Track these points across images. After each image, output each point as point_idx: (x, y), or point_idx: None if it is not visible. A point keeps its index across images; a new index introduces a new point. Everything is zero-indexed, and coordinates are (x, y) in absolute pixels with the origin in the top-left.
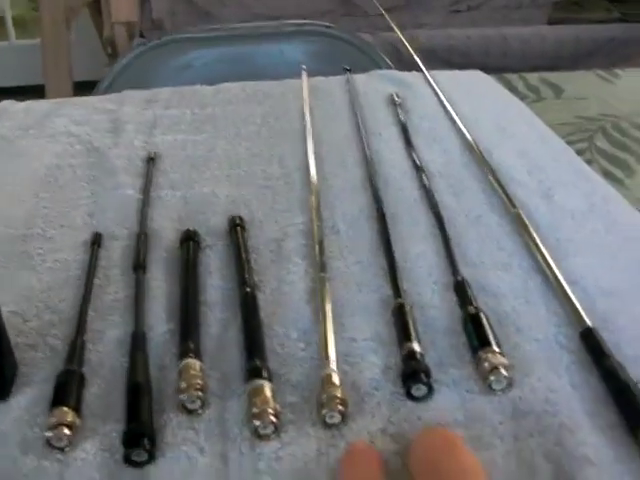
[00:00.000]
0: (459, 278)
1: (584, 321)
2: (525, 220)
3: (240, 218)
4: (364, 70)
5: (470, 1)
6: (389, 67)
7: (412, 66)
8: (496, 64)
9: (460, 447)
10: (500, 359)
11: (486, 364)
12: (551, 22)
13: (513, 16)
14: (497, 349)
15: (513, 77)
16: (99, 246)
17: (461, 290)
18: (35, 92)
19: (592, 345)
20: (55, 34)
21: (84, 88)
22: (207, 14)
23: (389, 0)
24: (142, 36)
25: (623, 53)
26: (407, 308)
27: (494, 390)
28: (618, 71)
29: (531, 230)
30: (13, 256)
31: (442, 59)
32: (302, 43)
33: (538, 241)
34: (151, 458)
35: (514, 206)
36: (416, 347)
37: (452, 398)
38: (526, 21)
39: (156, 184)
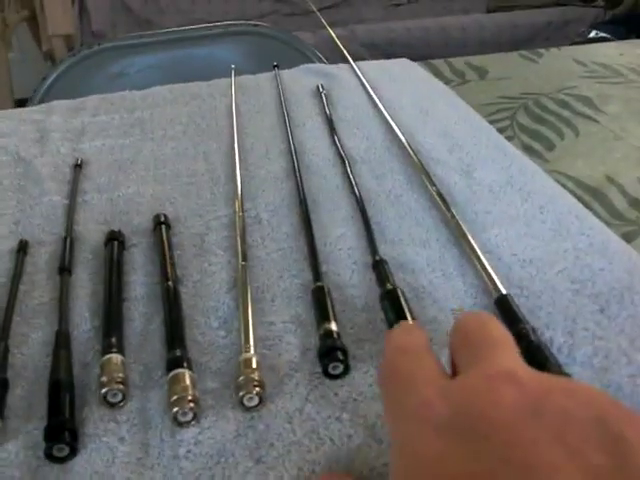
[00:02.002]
0: (377, 257)
1: (498, 289)
2: (443, 196)
3: (164, 216)
4: (297, 66)
5: None
6: (321, 61)
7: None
8: (437, 54)
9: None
10: None
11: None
12: (489, 10)
13: (452, 6)
14: (412, 322)
15: (439, 62)
16: (25, 253)
17: (379, 269)
18: None
19: (505, 311)
20: None
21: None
22: (148, 23)
23: None
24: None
25: (561, 35)
26: (325, 290)
27: None
28: (541, 50)
29: (449, 205)
30: None
31: (384, 52)
32: (233, 44)
33: (456, 215)
34: (72, 453)
35: (433, 184)
36: (333, 326)
37: (369, 372)
38: (465, 11)
39: (82, 189)
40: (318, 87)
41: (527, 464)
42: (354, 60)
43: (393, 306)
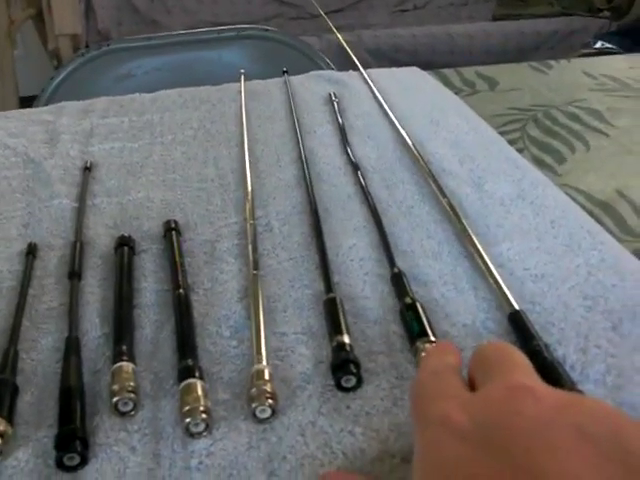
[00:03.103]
0: (395, 270)
1: (511, 304)
2: (455, 208)
3: (175, 222)
4: (305, 71)
5: (416, 0)
6: (329, 67)
7: (357, 66)
8: (443, 61)
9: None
10: None
11: (424, 353)
12: (496, 18)
13: (459, 14)
14: (433, 338)
15: (449, 72)
16: (34, 256)
17: (398, 281)
18: None
19: (518, 327)
20: None
21: (32, 102)
22: (153, 22)
23: (336, 1)
24: (88, 47)
25: (566, 45)
26: (337, 301)
27: None
28: (551, 62)
29: (460, 218)
30: None
31: (389, 58)
32: (241, 47)
33: (467, 228)
34: (83, 461)
35: (444, 195)
36: (345, 339)
37: (381, 386)
38: (472, 18)
39: (92, 192)
40: (330, 95)
41: (543, 471)
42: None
43: (414, 321)
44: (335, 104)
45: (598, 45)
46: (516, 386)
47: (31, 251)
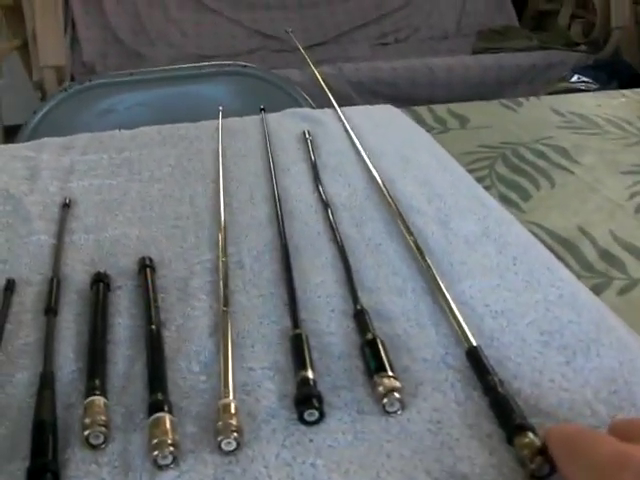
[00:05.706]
0: (358, 307)
1: (470, 340)
2: (420, 246)
3: (149, 259)
4: (284, 107)
5: (397, 33)
6: (308, 103)
7: (338, 100)
8: (423, 94)
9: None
10: (394, 383)
11: (381, 388)
12: (475, 52)
13: (439, 47)
14: (391, 373)
15: (422, 109)
16: (12, 292)
17: (360, 318)
18: None
19: (476, 363)
20: None
21: (16, 132)
22: (138, 55)
23: (318, 35)
24: (73, 79)
25: (544, 78)
26: (303, 337)
27: (388, 412)
28: (521, 99)
29: (425, 255)
30: None
31: (370, 91)
32: (222, 83)
33: (431, 266)
34: None
35: (411, 233)
36: (309, 374)
37: (343, 419)
38: (452, 52)
39: (70, 229)
40: (304, 132)
41: None
42: (340, 97)
43: (373, 357)
44: (309, 142)
45: (574, 79)
46: None
47: (9, 287)
